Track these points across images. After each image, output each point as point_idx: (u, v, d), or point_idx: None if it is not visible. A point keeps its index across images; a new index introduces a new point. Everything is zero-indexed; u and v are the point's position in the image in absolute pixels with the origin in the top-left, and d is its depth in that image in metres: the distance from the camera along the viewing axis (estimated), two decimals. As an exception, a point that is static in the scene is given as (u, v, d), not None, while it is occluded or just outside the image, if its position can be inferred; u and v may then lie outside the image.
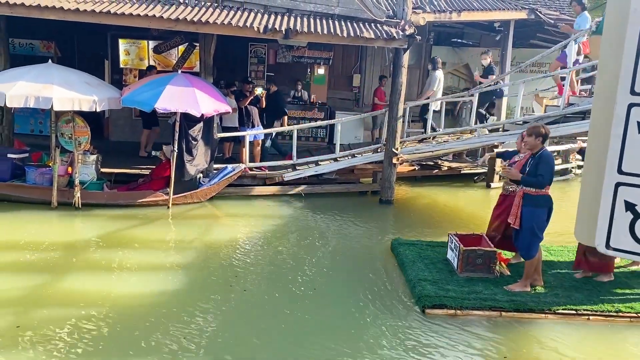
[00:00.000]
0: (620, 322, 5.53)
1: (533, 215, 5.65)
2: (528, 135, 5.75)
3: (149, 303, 5.51)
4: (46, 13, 8.43)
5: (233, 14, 9.10)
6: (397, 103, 9.83)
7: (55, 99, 7.89)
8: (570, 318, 5.53)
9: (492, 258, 6.22)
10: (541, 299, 5.71)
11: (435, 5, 11.05)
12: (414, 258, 6.70)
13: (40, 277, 6.01)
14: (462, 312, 5.49)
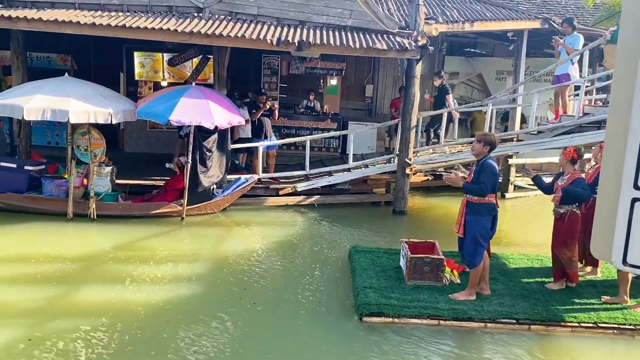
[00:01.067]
0: (561, 332, 5.43)
1: (476, 223, 5.59)
2: (477, 141, 5.71)
3: (161, 315, 5.52)
4: (63, 27, 8.58)
5: (246, 26, 9.18)
6: (409, 113, 9.82)
7: (72, 111, 8.00)
8: (510, 327, 5.43)
9: (440, 266, 6.15)
10: (484, 308, 5.63)
11: (447, 15, 11.04)
12: (366, 266, 6.65)
13: (54, 288, 6.06)
14: (400, 320, 5.41)
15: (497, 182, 5.65)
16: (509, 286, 6.24)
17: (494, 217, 5.69)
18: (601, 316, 5.57)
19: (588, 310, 5.68)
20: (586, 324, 5.45)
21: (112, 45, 11.80)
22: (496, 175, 5.62)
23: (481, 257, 5.69)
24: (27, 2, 9.28)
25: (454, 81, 14.28)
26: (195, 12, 9.50)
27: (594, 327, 5.44)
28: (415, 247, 6.49)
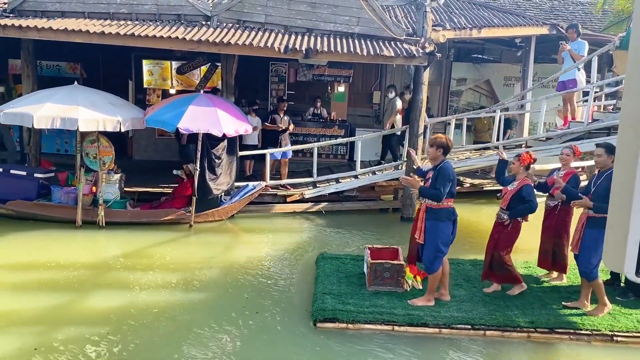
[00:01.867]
0: (517, 338, 5.35)
1: (436, 228, 5.55)
2: (430, 145, 5.67)
3: (168, 322, 5.52)
4: (73, 36, 8.66)
5: (254, 34, 9.22)
6: (417, 120, 9.81)
7: (81, 120, 8.06)
8: (465, 333, 5.37)
9: (400, 272, 6.11)
10: (441, 314, 5.58)
11: (455, 22, 11.05)
12: (331, 272, 6.63)
13: (63, 295, 6.08)
14: (354, 326, 5.37)
15: (454, 186, 5.61)
16: (471, 292, 6.20)
17: (453, 222, 5.65)
18: (559, 321, 5.52)
19: (547, 316, 5.62)
20: (542, 329, 5.40)
21: (121, 54, 11.89)
22: (452, 180, 5.55)
23: (440, 263, 5.65)
24: (38, 12, 9.38)
25: (461, 87, 14.27)
26: (203, 20, 9.55)
27: (549, 332, 5.38)
28: (380, 253, 6.45)
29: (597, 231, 5.42)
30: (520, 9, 14.97)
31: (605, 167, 5.55)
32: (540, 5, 15.73)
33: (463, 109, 13.92)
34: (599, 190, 5.50)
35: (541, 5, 15.70)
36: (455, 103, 14.20)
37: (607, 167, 5.51)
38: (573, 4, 15.89)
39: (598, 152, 5.62)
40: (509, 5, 15.14)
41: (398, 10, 11.88)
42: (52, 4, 9.40)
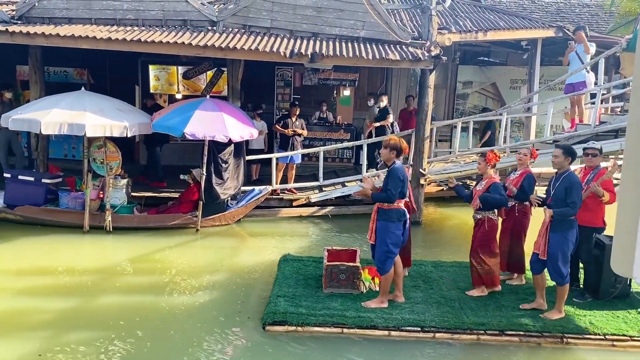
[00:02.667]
0: (466, 340, 5.32)
1: (387, 229, 5.55)
2: (384, 147, 5.69)
3: (173, 326, 5.53)
4: (80, 42, 8.71)
5: (260, 39, 9.24)
6: (423, 123, 9.79)
7: (88, 125, 8.10)
8: (415, 335, 5.34)
9: (356, 274, 6.09)
10: (393, 316, 5.54)
11: (460, 25, 11.03)
12: (290, 274, 6.61)
13: (69, 300, 6.11)
14: (303, 329, 5.34)
15: (405, 187, 5.61)
16: (427, 294, 6.18)
17: (404, 222, 5.66)
18: (510, 323, 5.47)
19: (499, 318, 5.59)
20: (492, 331, 5.35)
21: (128, 59, 11.95)
22: (403, 180, 5.55)
23: (391, 264, 5.63)
24: (45, 19, 9.45)
25: (467, 90, 14.24)
26: (209, 25, 9.59)
27: (499, 334, 5.34)
28: (338, 255, 6.46)
29: (561, 234, 5.44)
30: (526, 11, 14.94)
31: (562, 169, 5.56)
32: (547, 7, 15.70)
33: (469, 112, 13.88)
34: (557, 193, 5.51)
35: (547, 8, 15.66)
36: (462, 106, 14.17)
37: (564, 169, 5.53)
38: (579, 5, 15.84)
39: (556, 154, 5.62)
40: (514, 8, 15.12)
41: (403, 14, 11.88)
42: (60, 11, 9.47)
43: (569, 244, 5.46)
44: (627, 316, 5.74)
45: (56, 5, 9.44)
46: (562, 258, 5.44)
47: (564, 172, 5.54)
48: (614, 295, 6.03)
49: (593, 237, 6.02)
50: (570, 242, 5.47)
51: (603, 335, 5.32)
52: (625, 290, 6.12)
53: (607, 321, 5.59)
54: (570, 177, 5.47)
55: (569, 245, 5.47)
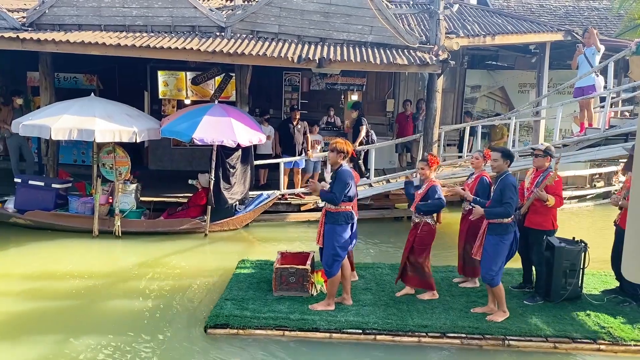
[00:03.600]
0: (407, 342, 5.30)
1: (333, 232, 5.56)
2: (330, 150, 5.68)
3: (181, 331, 5.54)
4: (89, 49, 8.79)
5: (268, 44, 9.28)
6: (431, 128, 9.79)
7: (97, 131, 8.16)
8: (356, 337, 5.31)
9: (305, 276, 6.10)
10: (337, 318, 5.54)
11: (468, 29, 11.02)
12: (244, 278, 6.65)
13: (78, 305, 6.15)
14: (245, 332, 5.36)
15: (351, 190, 5.61)
16: (378, 296, 6.20)
17: (352, 225, 5.67)
18: (453, 326, 5.46)
19: (444, 320, 5.58)
20: (433, 334, 5.34)
21: (137, 65, 12.05)
22: (349, 183, 5.55)
23: (338, 267, 5.64)
24: (55, 25, 9.55)
25: (476, 94, 14.21)
26: (217, 31, 9.64)
27: (440, 336, 5.33)
28: (292, 258, 6.49)
29: (496, 237, 5.47)
30: (534, 15, 14.89)
31: (502, 171, 5.59)
32: (555, 11, 15.63)
33: (478, 116, 13.84)
34: (495, 195, 5.54)
35: (555, 11, 15.60)
36: (470, 110, 14.14)
37: (503, 171, 5.56)
38: (588, 9, 15.77)
39: (494, 157, 5.66)
40: (522, 12, 15.08)
41: (411, 19, 11.89)
42: (70, 18, 9.57)
43: (503, 247, 5.48)
44: (574, 318, 5.76)
45: (66, 12, 9.54)
46: (494, 260, 5.47)
47: (502, 174, 5.59)
48: (564, 297, 6.05)
49: (544, 240, 6.04)
50: (505, 245, 5.49)
51: (545, 338, 5.32)
52: (577, 292, 6.15)
53: (552, 323, 5.59)
54: (505, 179, 5.50)
55: (504, 248, 5.49)
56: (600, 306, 6.04)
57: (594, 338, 5.30)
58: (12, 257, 7.75)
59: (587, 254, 6.03)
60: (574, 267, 6.02)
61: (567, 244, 6.07)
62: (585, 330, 5.44)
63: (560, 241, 6.07)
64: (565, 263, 5.98)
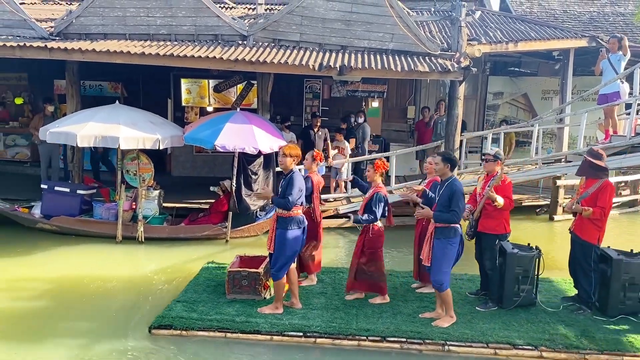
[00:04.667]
0: (346, 346, 5.33)
1: (284, 237, 5.63)
2: (283, 155, 5.78)
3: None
4: (114, 57, 8.95)
5: (289, 52, 9.34)
6: (453, 135, 9.73)
7: (122, 138, 8.30)
8: (296, 340, 5.38)
9: (257, 280, 6.19)
10: (282, 321, 5.62)
11: (491, 36, 10.94)
12: (203, 281, 6.78)
13: (102, 309, 6.25)
14: (188, 333, 5.46)
15: (302, 194, 5.71)
16: (330, 300, 6.25)
17: (303, 230, 5.75)
18: (396, 330, 5.50)
19: (387, 324, 5.62)
20: (374, 338, 5.37)
21: (161, 73, 12.23)
22: (302, 189, 5.66)
23: (285, 271, 5.73)
24: (82, 34, 9.76)
25: (498, 101, 14.09)
26: (239, 39, 9.75)
27: (380, 340, 5.35)
28: (251, 262, 6.59)
29: (444, 241, 5.49)
30: (558, 21, 14.73)
31: (445, 176, 5.62)
32: (579, 16, 15.43)
33: (500, 123, 13.72)
34: (441, 199, 5.55)
35: (580, 17, 15.40)
36: (492, 117, 14.02)
37: (447, 176, 5.59)
38: (613, 15, 15.52)
39: (436, 161, 5.75)
40: (546, 18, 14.92)
41: (432, 26, 11.86)
42: (95, 27, 9.77)
43: (451, 251, 5.51)
44: (522, 325, 5.73)
45: (92, 22, 9.75)
46: (443, 265, 5.50)
47: (447, 179, 5.60)
48: (517, 303, 6.03)
49: (496, 244, 6.04)
50: (453, 249, 5.51)
51: (486, 344, 5.32)
52: (531, 299, 6.13)
53: (498, 330, 5.58)
54: (452, 185, 5.50)
55: (452, 252, 5.51)
56: (554, 313, 6.04)
57: (536, 345, 5.30)
58: (39, 261, 7.91)
59: (542, 260, 6.03)
60: (526, 273, 6.00)
61: (520, 250, 6.05)
62: (530, 337, 5.43)
63: (513, 247, 6.07)
64: (518, 269, 5.97)
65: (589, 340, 5.40)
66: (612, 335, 5.52)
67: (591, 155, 5.93)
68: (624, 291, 5.89)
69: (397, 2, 9.78)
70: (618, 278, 5.84)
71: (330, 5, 9.60)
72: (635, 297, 5.93)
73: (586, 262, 5.92)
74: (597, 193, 5.80)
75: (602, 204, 5.73)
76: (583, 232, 5.91)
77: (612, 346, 5.30)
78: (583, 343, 5.34)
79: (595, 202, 5.76)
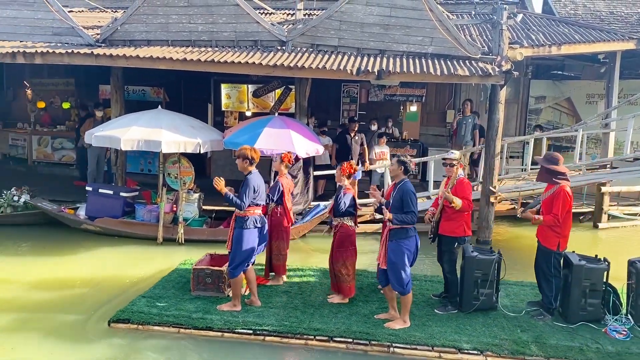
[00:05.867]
0: (295, 344, 5.50)
1: (241, 236, 5.86)
2: (237, 156, 6.00)
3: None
4: (157, 63, 9.18)
5: (327, 57, 9.37)
6: (494, 139, 9.55)
7: (164, 142, 8.49)
8: (246, 337, 5.58)
9: (220, 278, 6.39)
10: (236, 319, 5.82)
11: (533, 39, 10.71)
12: (175, 278, 7.04)
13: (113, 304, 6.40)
14: (144, 328, 5.72)
15: (259, 196, 5.93)
16: (291, 299, 6.41)
17: (260, 229, 5.95)
18: (345, 330, 5.59)
19: (341, 325, 5.72)
20: (321, 337, 5.49)
21: (201, 78, 12.47)
22: (256, 190, 5.87)
23: (241, 269, 5.92)
24: (126, 41, 10.04)
25: (540, 105, 13.78)
26: (278, 45, 9.84)
27: (327, 340, 5.47)
28: (220, 260, 6.77)
29: (398, 242, 5.58)
30: (604, 22, 14.27)
31: (398, 178, 5.73)
32: (626, 18, 14.92)
33: (533, 128, 13.41)
34: (394, 202, 5.63)
35: (627, 18, 14.88)
36: (534, 121, 13.71)
37: (400, 178, 5.69)
38: (664, 15, 14.96)
39: (392, 163, 5.85)
40: (591, 20, 14.48)
41: (473, 29, 11.70)
42: (140, 34, 10.03)
43: (406, 252, 5.57)
44: (476, 329, 5.73)
45: (136, 29, 10.01)
46: (401, 267, 5.55)
47: (400, 181, 5.69)
48: (476, 307, 6.02)
49: (455, 247, 6.08)
50: (408, 250, 5.57)
51: (431, 347, 5.37)
52: (491, 303, 6.13)
53: (449, 333, 5.61)
54: (403, 187, 5.61)
55: (407, 254, 5.57)
56: (513, 318, 6.03)
57: (482, 350, 5.30)
58: (82, 261, 8.16)
59: (503, 264, 6.03)
60: (486, 277, 5.97)
61: (480, 254, 6.05)
62: (479, 342, 5.43)
63: (473, 250, 6.08)
64: (477, 273, 5.97)
65: (539, 346, 5.39)
66: (566, 342, 5.49)
67: (546, 161, 5.90)
68: (585, 297, 5.85)
69: (437, 5, 9.69)
70: (578, 284, 5.79)
71: (369, 10, 9.59)
72: (597, 304, 5.87)
73: (547, 268, 5.91)
74: (552, 199, 5.77)
75: (556, 210, 5.71)
76: (543, 239, 5.93)
77: (560, 353, 5.27)
78: (531, 349, 5.33)
79: (551, 208, 5.72)
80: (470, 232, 6.17)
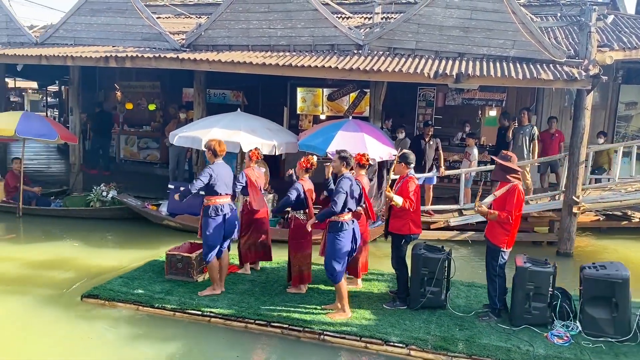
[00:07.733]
0: (236, 327, 5.87)
1: (207, 224, 6.31)
2: (205, 148, 6.52)
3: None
4: (238, 67, 9.49)
5: (404, 61, 9.30)
6: (578, 147, 9.10)
7: (242, 143, 8.76)
8: (194, 318, 6.02)
9: (189, 264, 6.88)
10: (193, 302, 6.24)
11: (624, 41, 10.10)
12: (158, 263, 7.47)
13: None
14: (109, 304, 6.31)
15: (219, 185, 6.27)
16: (254, 288, 6.82)
17: (224, 217, 6.31)
18: (286, 317, 5.89)
19: (286, 312, 6.02)
20: (260, 322, 5.84)
21: (278, 82, 12.72)
22: (215, 178, 6.23)
23: (212, 254, 6.33)
24: (209, 46, 10.45)
25: (631, 112, 12.95)
26: (355, 49, 9.88)
27: (265, 325, 5.82)
28: (198, 247, 7.04)
29: (333, 234, 5.84)
30: None
31: (340, 173, 5.93)
32: None
33: (633, 135, 12.61)
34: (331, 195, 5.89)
35: None
36: (624, 129, 12.91)
37: (341, 173, 5.89)
38: None
39: (334, 158, 6.06)
40: (692, 20, 13.45)
41: (558, 32, 11.20)
42: (222, 39, 10.42)
43: (340, 244, 5.79)
44: (413, 325, 5.82)
45: (219, 34, 10.41)
46: (334, 257, 5.80)
47: (340, 176, 5.91)
48: (422, 304, 6.13)
49: (402, 244, 6.22)
50: (342, 242, 5.79)
51: (359, 337, 5.56)
52: (439, 302, 6.19)
53: (383, 327, 5.76)
54: (339, 181, 5.85)
55: (341, 245, 5.79)
56: (457, 317, 6.06)
57: (407, 343, 5.44)
58: (162, 253, 8.53)
59: (452, 263, 6.16)
60: (432, 275, 6.05)
61: (428, 252, 6.18)
62: (409, 336, 5.55)
63: (421, 248, 6.24)
64: (424, 271, 6.08)
65: (467, 344, 5.41)
66: (497, 343, 5.47)
67: (501, 158, 5.95)
68: (529, 301, 5.77)
69: (520, 8, 9.37)
70: (522, 286, 5.75)
71: (448, 13, 9.42)
72: (543, 308, 5.79)
73: (492, 267, 5.92)
74: (505, 196, 5.74)
75: (509, 207, 5.69)
76: (492, 236, 5.93)
77: (485, 352, 5.27)
78: (457, 347, 5.37)
79: (504, 206, 5.72)
80: (418, 230, 6.28)
